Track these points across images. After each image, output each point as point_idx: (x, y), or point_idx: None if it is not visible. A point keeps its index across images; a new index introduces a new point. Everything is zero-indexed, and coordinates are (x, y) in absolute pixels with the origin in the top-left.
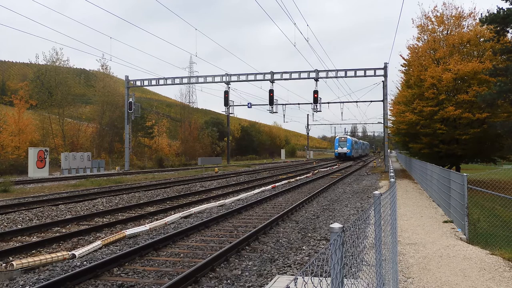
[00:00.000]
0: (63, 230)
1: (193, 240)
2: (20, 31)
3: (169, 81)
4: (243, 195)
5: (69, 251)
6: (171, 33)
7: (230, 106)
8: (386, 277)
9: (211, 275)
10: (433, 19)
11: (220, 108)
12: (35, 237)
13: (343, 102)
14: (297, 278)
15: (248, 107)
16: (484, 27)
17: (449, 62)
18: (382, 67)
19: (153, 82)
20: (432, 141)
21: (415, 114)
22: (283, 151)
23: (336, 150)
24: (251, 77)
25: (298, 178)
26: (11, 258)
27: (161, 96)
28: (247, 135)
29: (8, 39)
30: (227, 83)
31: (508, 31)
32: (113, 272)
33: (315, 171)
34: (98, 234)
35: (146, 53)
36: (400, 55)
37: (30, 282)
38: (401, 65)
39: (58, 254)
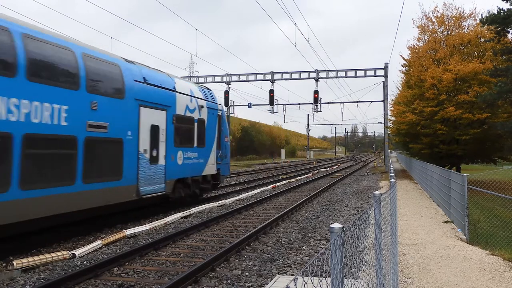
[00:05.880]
0: (63, 230)
1: (193, 240)
2: None
3: None
4: (243, 195)
5: (69, 251)
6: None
7: (230, 106)
8: (386, 277)
9: (211, 275)
10: (433, 20)
11: None
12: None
13: (344, 102)
14: (297, 278)
15: (249, 107)
16: (484, 27)
17: (450, 63)
18: (383, 67)
19: None
20: (433, 141)
21: (415, 114)
22: (283, 151)
23: None
24: (251, 77)
25: (298, 178)
26: (11, 258)
27: None
28: (248, 135)
29: None
30: (228, 83)
31: (508, 32)
32: (113, 272)
33: (315, 171)
34: (98, 233)
35: (146, 53)
36: (401, 55)
37: (30, 282)
38: (402, 66)
39: (58, 253)
